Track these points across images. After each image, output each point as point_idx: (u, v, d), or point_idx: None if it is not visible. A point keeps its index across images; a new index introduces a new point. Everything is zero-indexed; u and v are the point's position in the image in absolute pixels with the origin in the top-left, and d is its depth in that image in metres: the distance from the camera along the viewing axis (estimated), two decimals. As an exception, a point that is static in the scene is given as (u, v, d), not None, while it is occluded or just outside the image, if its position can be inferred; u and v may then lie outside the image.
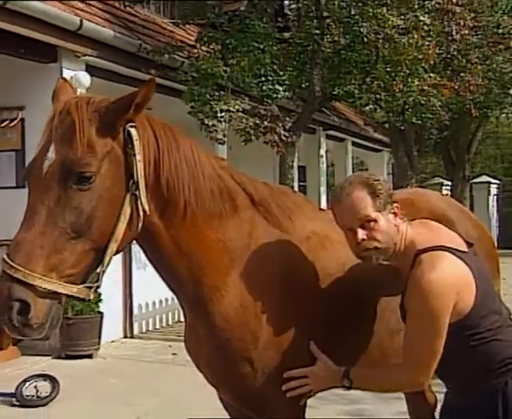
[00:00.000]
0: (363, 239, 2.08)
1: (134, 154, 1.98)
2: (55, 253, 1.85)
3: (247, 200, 2.30)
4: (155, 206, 2.08)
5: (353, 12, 8.63)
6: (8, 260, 1.81)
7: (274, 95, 8.32)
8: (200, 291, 2.21)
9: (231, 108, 7.90)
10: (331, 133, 14.58)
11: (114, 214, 1.95)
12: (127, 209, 1.97)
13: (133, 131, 1.99)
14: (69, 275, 1.88)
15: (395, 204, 2.16)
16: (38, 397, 5.48)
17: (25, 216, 1.90)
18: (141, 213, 2.01)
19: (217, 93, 7.98)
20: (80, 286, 1.91)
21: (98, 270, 1.94)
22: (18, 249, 1.83)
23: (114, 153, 1.97)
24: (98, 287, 1.97)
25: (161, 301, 8.57)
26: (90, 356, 7.08)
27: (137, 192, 1.99)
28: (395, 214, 2.15)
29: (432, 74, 9.33)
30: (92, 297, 1.95)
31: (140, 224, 2.02)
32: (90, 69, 7.63)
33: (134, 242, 2.15)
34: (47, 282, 1.82)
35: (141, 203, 2.00)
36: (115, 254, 2.00)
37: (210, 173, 2.20)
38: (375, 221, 2.09)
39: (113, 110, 1.96)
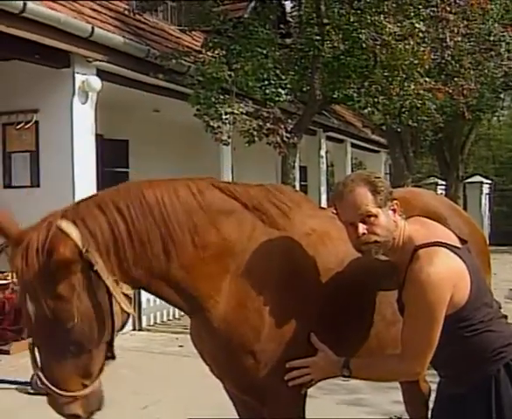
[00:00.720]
0: (364, 233, 2.12)
1: (100, 275, 2.04)
2: (77, 370, 2.06)
3: (241, 208, 2.31)
4: (132, 272, 2.14)
5: (352, 19, 8.63)
6: (52, 388, 2.06)
7: (277, 98, 8.38)
8: (193, 303, 2.26)
9: (236, 111, 7.96)
10: (331, 134, 14.62)
11: (103, 322, 2.06)
12: (114, 311, 2.08)
13: (90, 258, 2.02)
14: (94, 373, 2.11)
15: (394, 201, 2.19)
16: (52, 386, 5.71)
17: (42, 343, 2.08)
18: (126, 311, 2.12)
19: (221, 97, 8.04)
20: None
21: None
22: (52, 377, 2.05)
23: (82, 282, 2.02)
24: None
25: (168, 296, 8.75)
26: (101, 348, 7.31)
27: (114, 299, 2.08)
28: (394, 210, 2.18)
29: (427, 79, 9.34)
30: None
31: (127, 313, 2.15)
32: (101, 73, 7.70)
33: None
34: (83, 389, 2.08)
35: (123, 307, 2.10)
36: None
37: (191, 208, 2.21)
38: (375, 216, 2.12)
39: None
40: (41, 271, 1.98)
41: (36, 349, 2.10)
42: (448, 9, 8.91)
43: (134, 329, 8.23)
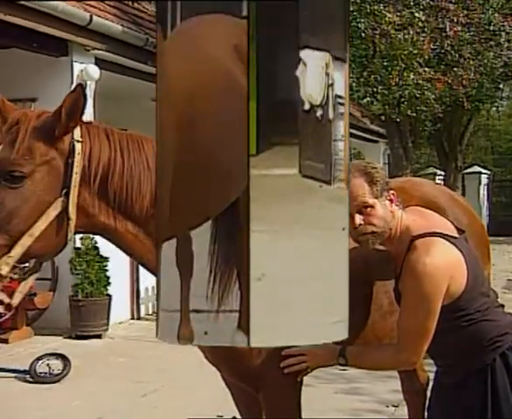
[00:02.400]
0: (361, 224, 2.11)
1: (72, 167, 2.06)
2: None
3: None
4: (109, 210, 2.12)
5: (351, 8, 8.49)
6: None
7: (275, 88, 8.53)
8: None
9: (234, 99, 8.12)
10: (329, 124, 14.83)
11: (37, 215, 2.01)
12: (51, 213, 2.03)
13: (77, 145, 2.07)
14: None
15: (391, 191, 2.19)
16: (50, 374, 5.64)
17: None
18: (70, 221, 2.06)
19: (220, 85, 8.20)
20: None
21: (4, 259, 1.99)
22: None
23: (55, 163, 2.05)
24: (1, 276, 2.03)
25: (166, 285, 8.78)
26: (99, 336, 7.25)
27: (67, 200, 2.05)
28: (391, 201, 2.17)
29: (426, 68, 9.36)
30: None
31: (69, 232, 2.08)
32: (99, 62, 7.72)
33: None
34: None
35: (68, 212, 2.05)
36: (45, 259, 2.16)
37: None
38: (372, 207, 2.12)
39: (50, 120, 2.06)
40: (33, 123, 2.04)
41: None
42: (448, -2, 8.94)
43: (132, 318, 8.33)
